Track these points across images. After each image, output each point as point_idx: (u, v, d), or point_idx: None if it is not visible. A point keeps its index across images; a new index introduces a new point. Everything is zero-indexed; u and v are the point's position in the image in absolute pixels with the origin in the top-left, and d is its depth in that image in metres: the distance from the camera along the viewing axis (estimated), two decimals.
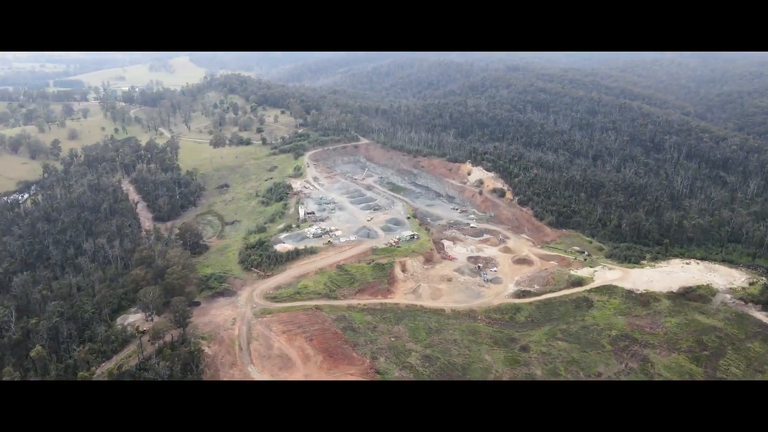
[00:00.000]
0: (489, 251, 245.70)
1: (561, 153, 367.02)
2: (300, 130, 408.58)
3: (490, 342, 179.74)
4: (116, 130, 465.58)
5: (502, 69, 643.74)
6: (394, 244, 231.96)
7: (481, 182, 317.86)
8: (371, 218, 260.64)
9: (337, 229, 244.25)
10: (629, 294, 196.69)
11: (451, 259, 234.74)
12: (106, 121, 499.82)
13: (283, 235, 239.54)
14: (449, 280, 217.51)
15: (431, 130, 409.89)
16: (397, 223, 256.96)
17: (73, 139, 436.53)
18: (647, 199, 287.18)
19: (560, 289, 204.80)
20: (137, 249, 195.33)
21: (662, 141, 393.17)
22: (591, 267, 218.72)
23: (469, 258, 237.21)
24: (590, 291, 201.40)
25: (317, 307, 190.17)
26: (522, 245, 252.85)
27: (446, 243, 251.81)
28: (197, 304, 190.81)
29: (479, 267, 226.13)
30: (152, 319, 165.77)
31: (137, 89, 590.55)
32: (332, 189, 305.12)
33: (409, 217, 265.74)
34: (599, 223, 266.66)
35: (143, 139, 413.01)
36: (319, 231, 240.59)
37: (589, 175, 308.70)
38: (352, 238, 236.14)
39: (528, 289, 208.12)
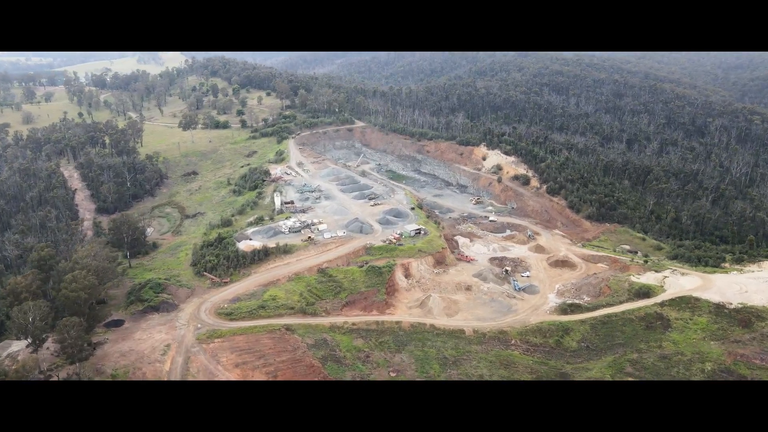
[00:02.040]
0: (516, 250, 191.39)
1: (589, 137, 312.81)
2: (286, 113, 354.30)
3: (532, 378, 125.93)
4: (80, 115, 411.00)
5: (511, 54, 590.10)
6: (394, 241, 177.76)
7: (499, 168, 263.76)
8: (367, 207, 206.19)
9: (320, 222, 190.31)
10: (719, 309, 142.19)
11: (469, 260, 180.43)
12: (71, 105, 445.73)
13: (250, 230, 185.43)
14: (468, 288, 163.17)
15: (437, 113, 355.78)
16: (398, 214, 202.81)
17: (28, 123, 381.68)
18: (705, 186, 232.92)
19: (621, 302, 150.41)
20: (36, 246, 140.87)
21: (705, 124, 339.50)
22: (657, 271, 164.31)
23: (492, 259, 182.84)
24: (663, 305, 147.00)
25: (288, 328, 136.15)
26: (557, 243, 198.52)
27: (461, 240, 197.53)
28: (118, 323, 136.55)
29: (506, 271, 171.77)
30: (37, 350, 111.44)
31: (110, 73, 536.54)
32: (319, 175, 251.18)
33: (413, 208, 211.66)
34: (651, 215, 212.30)
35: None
36: (298, 224, 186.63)
37: (632, 159, 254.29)
38: (341, 233, 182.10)
39: (576, 301, 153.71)
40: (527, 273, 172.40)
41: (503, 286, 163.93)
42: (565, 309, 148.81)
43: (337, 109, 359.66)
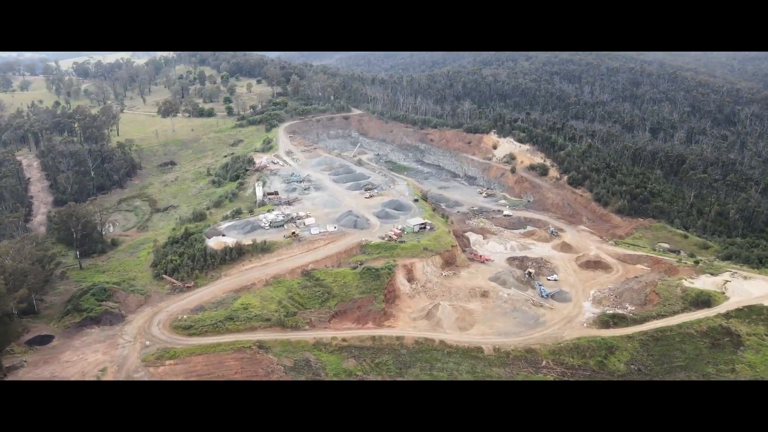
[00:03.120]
0: (539, 249, 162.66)
1: (608, 125, 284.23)
2: (277, 100, 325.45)
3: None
4: (57, 104, 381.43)
5: None
6: (394, 237, 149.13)
7: (512, 157, 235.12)
8: (362, 199, 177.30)
9: (308, 216, 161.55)
10: None
11: (484, 260, 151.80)
12: (48, 95, 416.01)
13: (224, 225, 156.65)
14: (485, 294, 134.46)
15: (441, 101, 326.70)
16: (399, 207, 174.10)
17: None
18: (749, 177, 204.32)
19: (674, 312, 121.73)
20: None
21: (734, 112, 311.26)
22: (713, 274, 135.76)
23: (511, 259, 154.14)
24: (729, 316, 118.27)
25: (261, 345, 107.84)
26: (585, 241, 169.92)
27: (473, 237, 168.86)
28: (45, 340, 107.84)
29: (530, 274, 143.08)
30: None
31: (92, 61, 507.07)
32: (309, 164, 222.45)
33: (416, 200, 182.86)
34: (692, 209, 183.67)
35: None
36: (281, 218, 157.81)
37: (664, 146, 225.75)
38: (331, 228, 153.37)
39: (619, 311, 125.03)
40: (555, 276, 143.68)
41: (527, 292, 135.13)
42: (606, 321, 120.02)
43: (332, 97, 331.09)
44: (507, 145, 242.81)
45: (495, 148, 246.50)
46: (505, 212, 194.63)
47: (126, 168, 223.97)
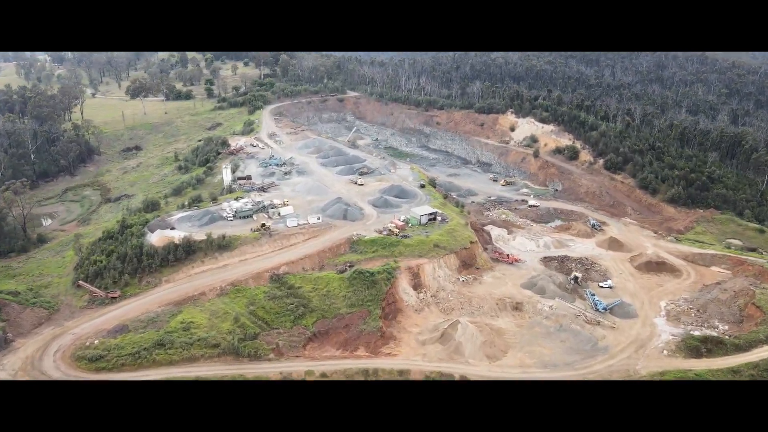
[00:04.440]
0: (580, 247, 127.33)
1: (638, 107, 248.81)
2: (264, 81, 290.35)
3: None
4: (24, 88, 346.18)
5: None
6: (396, 230, 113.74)
7: (533, 139, 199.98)
8: (356, 185, 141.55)
9: (285, 203, 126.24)
10: None
11: (513, 261, 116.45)
12: (18, 80, 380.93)
13: (177, 216, 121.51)
14: (518, 307, 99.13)
15: (447, 84, 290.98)
16: (401, 194, 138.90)
17: None
18: None
19: None
20: None
21: None
22: None
23: (547, 260, 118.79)
24: None
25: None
26: (637, 236, 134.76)
27: (495, 232, 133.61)
28: None
29: (576, 279, 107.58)
30: None
31: None
32: (295, 147, 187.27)
33: (423, 185, 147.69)
34: (763, 198, 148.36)
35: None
36: (249, 206, 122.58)
37: (717, 125, 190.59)
38: (313, 219, 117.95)
39: (709, 332, 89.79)
40: (609, 282, 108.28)
41: (575, 304, 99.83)
42: (696, 347, 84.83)
43: (325, 78, 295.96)
44: (527, 126, 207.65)
45: (512, 129, 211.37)
46: (531, 202, 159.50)
47: (76, 152, 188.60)
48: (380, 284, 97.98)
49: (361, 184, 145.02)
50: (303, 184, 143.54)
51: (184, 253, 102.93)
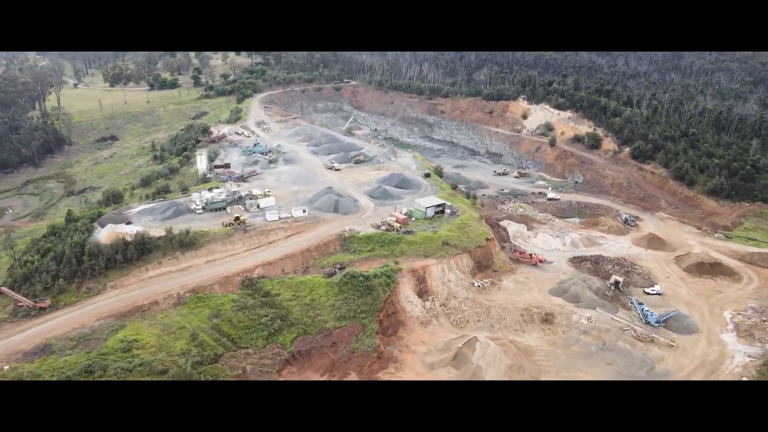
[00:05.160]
0: (613, 245, 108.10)
1: (665, 92, 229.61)
2: (255, 69, 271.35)
3: None
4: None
5: None
6: (397, 225, 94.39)
7: (548, 127, 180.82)
8: (350, 173, 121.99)
9: (266, 194, 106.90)
10: None
11: (537, 262, 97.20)
12: None
13: (137, 208, 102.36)
14: (547, 319, 79.87)
15: (451, 73, 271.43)
16: (403, 184, 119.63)
17: None
18: None
19: None
20: None
21: None
22: None
23: (577, 260, 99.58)
24: None
25: None
26: (678, 233, 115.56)
27: (513, 228, 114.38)
28: None
29: (617, 284, 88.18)
30: None
31: None
32: (284, 135, 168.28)
33: (428, 174, 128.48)
34: None
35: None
36: (223, 197, 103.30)
37: (756, 110, 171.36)
38: (299, 212, 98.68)
39: None
40: (656, 287, 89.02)
41: (617, 315, 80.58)
42: None
43: (321, 65, 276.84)
44: (541, 113, 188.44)
45: (525, 117, 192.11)
46: (549, 195, 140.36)
47: (40, 141, 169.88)
48: (377, 291, 78.83)
49: (338, 170, 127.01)
50: (289, 173, 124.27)
51: (137, 252, 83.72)
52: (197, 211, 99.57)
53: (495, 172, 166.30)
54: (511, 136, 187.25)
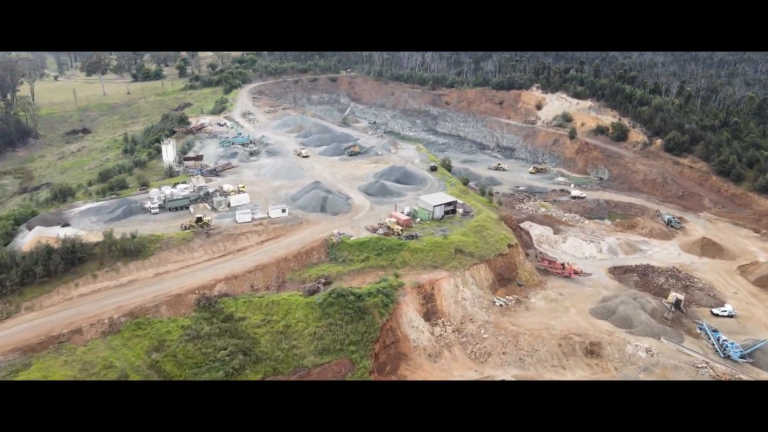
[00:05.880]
0: (660, 252, 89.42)
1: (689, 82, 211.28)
2: (246, 58, 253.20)
3: None
4: None
5: None
6: (397, 227, 75.53)
7: (566, 118, 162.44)
8: (342, 166, 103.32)
9: (239, 190, 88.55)
10: None
11: (570, 273, 78.36)
12: None
13: (81, 207, 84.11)
14: (593, 352, 61.12)
15: (456, 63, 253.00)
16: (404, 178, 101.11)
17: None
18: None
19: None
20: None
21: None
22: None
23: (619, 271, 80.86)
24: None
25: None
26: (732, 236, 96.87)
27: (536, 230, 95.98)
28: None
29: (678, 304, 69.34)
30: None
31: None
32: (271, 126, 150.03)
33: (434, 167, 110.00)
34: None
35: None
36: (185, 193, 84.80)
37: None
38: (276, 212, 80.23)
39: None
40: (728, 308, 70.48)
41: (683, 344, 62.00)
42: None
43: (316, 55, 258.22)
44: (557, 103, 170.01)
45: (539, 107, 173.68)
46: (573, 193, 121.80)
47: (5, 133, 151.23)
48: (372, 314, 60.40)
49: (306, 156, 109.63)
50: (271, 167, 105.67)
51: (64, 263, 65.29)
52: (152, 211, 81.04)
53: (488, 167, 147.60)
54: (525, 128, 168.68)
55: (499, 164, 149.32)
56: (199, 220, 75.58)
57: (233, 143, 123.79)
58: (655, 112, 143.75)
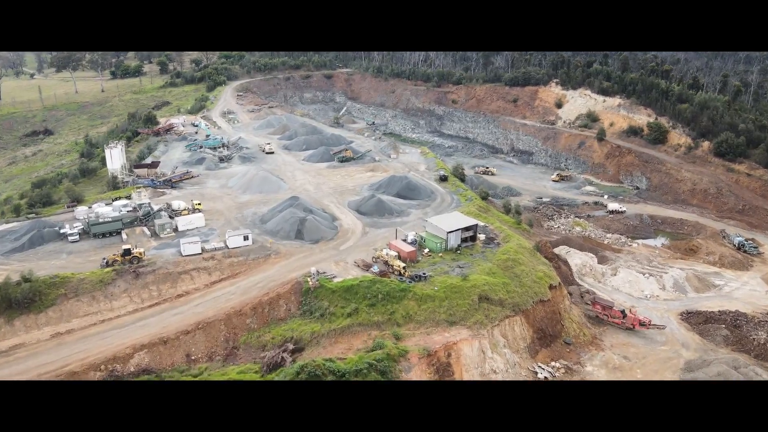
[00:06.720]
0: (740, 288, 68.38)
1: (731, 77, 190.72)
2: (232, 54, 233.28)
3: None
4: None
5: None
6: (398, 264, 54.70)
7: (592, 118, 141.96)
8: (330, 175, 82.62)
9: (193, 208, 67.97)
10: None
11: (635, 324, 57.32)
12: None
13: None
14: None
15: (463, 59, 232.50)
16: (407, 192, 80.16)
17: None
18: None
19: None
20: None
21: None
22: None
23: (699, 320, 59.84)
24: None
25: None
26: None
27: (576, 260, 74.81)
28: None
29: None
30: None
31: None
32: (252, 127, 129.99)
33: (444, 177, 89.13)
34: None
35: None
36: (120, 215, 64.01)
37: None
38: (236, 239, 59.67)
39: None
40: None
41: None
42: None
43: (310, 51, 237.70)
44: (580, 100, 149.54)
45: (559, 105, 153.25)
46: (610, 206, 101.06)
47: None
48: None
49: (270, 152, 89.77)
50: (242, 176, 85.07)
51: None
52: (70, 238, 60.48)
53: (475, 170, 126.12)
54: (544, 128, 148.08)
55: (487, 168, 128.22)
56: (127, 253, 54.99)
57: (202, 147, 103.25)
58: (699, 110, 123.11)
